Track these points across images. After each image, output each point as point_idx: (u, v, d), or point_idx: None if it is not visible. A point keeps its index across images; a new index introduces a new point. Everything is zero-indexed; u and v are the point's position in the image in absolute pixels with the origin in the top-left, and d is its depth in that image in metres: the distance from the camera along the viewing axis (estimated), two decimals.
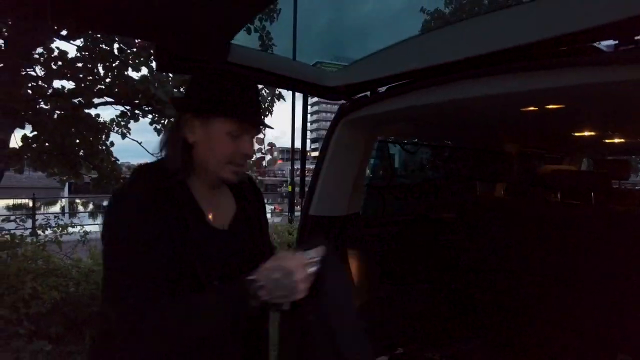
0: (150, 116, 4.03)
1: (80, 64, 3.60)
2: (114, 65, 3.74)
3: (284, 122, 9.98)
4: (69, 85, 3.71)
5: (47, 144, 3.72)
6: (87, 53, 3.79)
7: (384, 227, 2.54)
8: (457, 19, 9.74)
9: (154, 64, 3.87)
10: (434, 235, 2.71)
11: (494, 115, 1.88)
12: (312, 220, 1.92)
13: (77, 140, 3.87)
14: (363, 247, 2.26)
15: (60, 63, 3.56)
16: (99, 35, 3.67)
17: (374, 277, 2.36)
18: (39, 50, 3.60)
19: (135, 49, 3.70)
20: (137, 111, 4.02)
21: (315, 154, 2.07)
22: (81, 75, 3.69)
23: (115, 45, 3.81)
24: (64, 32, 3.43)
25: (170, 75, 3.86)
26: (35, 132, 3.61)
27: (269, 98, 4.50)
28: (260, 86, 4.31)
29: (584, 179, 2.31)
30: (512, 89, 1.22)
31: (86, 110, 3.86)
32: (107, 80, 3.80)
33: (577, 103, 1.51)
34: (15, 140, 3.60)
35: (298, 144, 11.37)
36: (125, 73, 3.76)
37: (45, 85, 3.62)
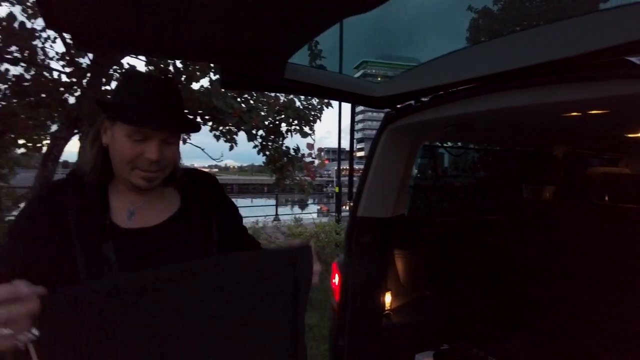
0: (210, 124, 4.38)
1: None
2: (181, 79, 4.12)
3: (330, 123, 10.13)
4: None
5: None
6: (152, 67, 4.20)
7: (430, 227, 2.62)
8: (504, 16, 9.40)
9: (210, 76, 4.21)
10: (481, 236, 2.75)
11: (541, 121, 1.91)
12: (359, 221, 2.07)
13: None
14: (410, 247, 2.36)
15: None
16: None
17: (421, 276, 2.45)
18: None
19: (197, 66, 4.05)
20: (198, 119, 4.39)
21: (361, 153, 2.20)
22: None
23: (178, 61, 4.18)
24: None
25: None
26: None
27: (319, 107, 4.75)
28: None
29: (628, 182, 2.26)
30: (555, 99, 1.28)
31: None
32: None
33: (623, 109, 1.53)
34: None
35: (344, 144, 11.47)
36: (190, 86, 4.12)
37: None
